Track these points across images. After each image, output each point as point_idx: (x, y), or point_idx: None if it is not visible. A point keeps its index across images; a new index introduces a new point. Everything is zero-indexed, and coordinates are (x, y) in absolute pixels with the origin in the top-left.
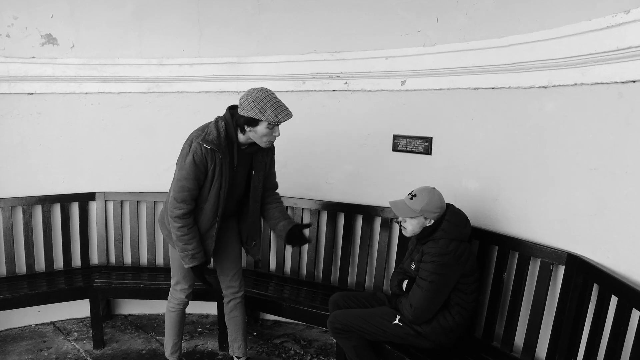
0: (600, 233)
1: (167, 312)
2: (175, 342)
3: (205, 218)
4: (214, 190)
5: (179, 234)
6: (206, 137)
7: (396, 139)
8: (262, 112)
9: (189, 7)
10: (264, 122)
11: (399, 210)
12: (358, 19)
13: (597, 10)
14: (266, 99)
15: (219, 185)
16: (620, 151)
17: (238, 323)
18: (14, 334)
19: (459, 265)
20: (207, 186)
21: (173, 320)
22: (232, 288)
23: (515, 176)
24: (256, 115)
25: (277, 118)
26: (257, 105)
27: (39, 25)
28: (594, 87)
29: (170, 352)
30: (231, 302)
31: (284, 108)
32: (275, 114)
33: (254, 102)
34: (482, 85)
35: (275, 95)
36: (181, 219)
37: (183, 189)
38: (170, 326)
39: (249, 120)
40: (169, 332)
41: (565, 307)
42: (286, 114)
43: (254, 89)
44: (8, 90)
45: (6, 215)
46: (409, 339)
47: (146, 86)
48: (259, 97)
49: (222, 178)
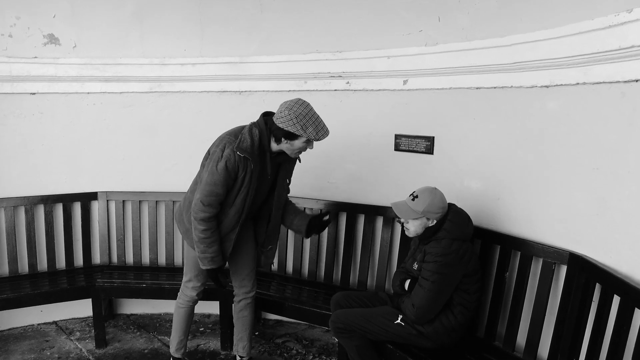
0: (603, 233)
1: (176, 309)
2: (181, 339)
3: (228, 222)
4: (240, 196)
5: (202, 237)
6: (240, 144)
7: (398, 139)
8: (304, 129)
9: (191, 6)
10: (304, 137)
11: (401, 212)
12: (359, 19)
13: (599, 9)
14: (308, 115)
15: (246, 192)
16: (623, 151)
17: (246, 323)
18: (16, 333)
19: (461, 265)
20: (234, 192)
21: (181, 316)
22: (244, 287)
23: (517, 176)
24: (297, 131)
25: (318, 136)
26: (299, 122)
27: (41, 26)
28: (596, 86)
29: (175, 349)
30: (242, 301)
31: (324, 125)
32: (316, 131)
33: (296, 118)
34: (483, 84)
35: (315, 111)
36: (206, 222)
37: (212, 193)
38: (177, 322)
39: (288, 134)
40: (176, 328)
41: (567, 307)
42: (326, 132)
43: (295, 103)
44: (11, 90)
45: (8, 215)
46: (411, 339)
47: (148, 86)
48: (302, 113)
49: (250, 185)
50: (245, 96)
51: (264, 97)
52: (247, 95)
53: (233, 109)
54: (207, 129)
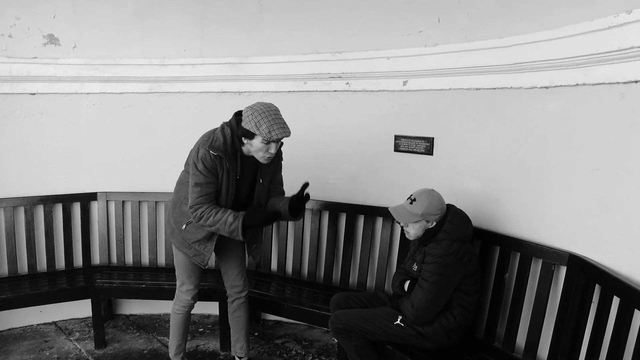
0: (602, 233)
1: (173, 314)
2: (179, 343)
3: None
4: (221, 196)
5: (218, 228)
6: (213, 143)
7: (398, 139)
8: (258, 126)
9: (191, 7)
10: (259, 136)
11: (400, 216)
12: (359, 19)
13: (599, 10)
14: (265, 113)
15: (226, 191)
16: (622, 152)
17: (241, 323)
18: (15, 333)
19: (461, 266)
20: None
21: (178, 322)
22: (236, 287)
23: (517, 177)
24: (252, 128)
25: (270, 135)
26: (254, 119)
27: (41, 26)
28: (596, 87)
29: (174, 353)
30: (235, 301)
31: (281, 125)
32: (269, 130)
33: (252, 115)
34: (483, 85)
35: (278, 111)
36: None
37: (201, 194)
38: (175, 328)
39: (245, 132)
40: (174, 333)
41: (567, 308)
42: (281, 132)
43: (258, 103)
44: (10, 91)
45: (8, 215)
46: (411, 340)
47: (148, 86)
48: (258, 110)
49: (229, 184)
50: (244, 97)
51: (263, 98)
52: (246, 95)
53: (233, 109)
54: (207, 130)
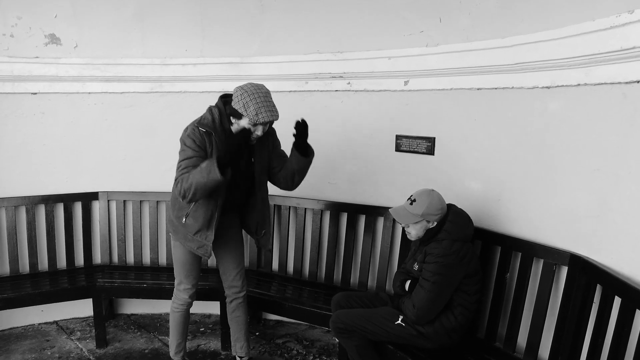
0: (604, 234)
1: (171, 313)
2: (179, 342)
3: (207, 207)
4: None
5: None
6: (201, 121)
7: (399, 139)
8: (246, 107)
9: (192, 7)
10: (246, 117)
11: (400, 217)
12: (361, 19)
13: (600, 10)
14: (253, 95)
15: None
16: (624, 152)
17: (240, 323)
18: (17, 332)
19: (462, 265)
20: None
21: (177, 320)
22: (234, 288)
23: (518, 177)
24: (240, 109)
25: (257, 117)
26: (242, 99)
27: (42, 25)
28: (597, 87)
29: (174, 352)
30: (233, 301)
31: (269, 108)
32: (256, 112)
33: (241, 95)
34: (485, 85)
35: (268, 94)
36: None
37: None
38: (174, 326)
39: (233, 111)
40: (173, 332)
41: (568, 308)
42: (268, 115)
43: (249, 83)
44: (12, 90)
45: (9, 214)
46: (412, 339)
47: (149, 86)
48: (248, 91)
49: None
50: None
51: None
52: None
53: None
54: None
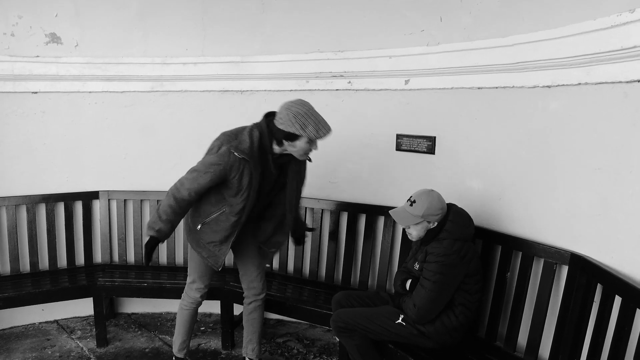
0: (604, 233)
1: (180, 310)
2: (184, 339)
3: (228, 223)
4: (241, 198)
5: (164, 209)
6: (239, 145)
7: (400, 138)
8: (304, 128)
9: (193, 6)
10: (304, 137)
11: (401, 219)
12: (362, 19)
13: (601, 9)
14: (307, 114)
15: (247, 194)
16: (625, 151)
17: (256, 325)
18: (18, 331)
19: (463, 265)
20: (233, 193)
21: (185, 318)
22: (254, 289)
23: (519, 176)
24: (297, 131)
25: (319, 134)
26: (298, 121)
27: (43, 25)
28: (598, 86)
29: (178, 349)
30: (252, 303)
31: (325, 123)
32: (316, 129)
33: (295, 118)
34: (486, 84)
35: (314, 108)
36: (178, 201)
37: (196, 180)
38: (181, 324)
39: (288, 135)
40: (179, 329)
41: (568, 307)
42: (327, 129)
43: (293, 103)
44: (13, 89)
45: (10, 213)
46: (412, 339)
47: (150, 85)
48: (300, 112)
49: (250, 189)
50: (247, 96)
51: (265, 97)
52: (248, 94)
53: (235, 108)
54: (209, 128)
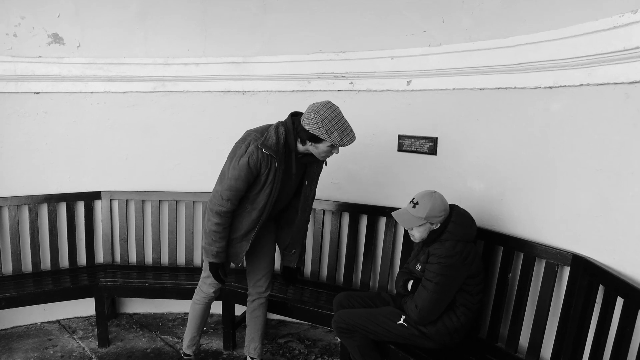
0: (606, 234)
1: (192, 305)
2: (194, 335)
3: (249, 220)
4: (264, 194)
5: (213, 230)
6: (265, 142)
7: (401, 139)
8: (329, 133)
9: (194, 7)
10: (328, 142)
11: (404, 221)
12: (363, 19)
13: (603, 10)
14: (334, 120)
15: (270, 190)
16: (627, 152)
17: (258, 324)
18: (19, 331)
19: (465, 266)
20: (257, 189)
21: (197, 312)
22: (259, 288)
23: (521, 177)
24: (322, 135)
25: (343, 142)
26: (325, 126)
27: (45, 25)
28: (600, 87)
29: (187, 345)
30: (255, 301)
31: (350, 131)
32: (341, 137)
33: (322, 122)
34: (487, 85)
35: (342, 115)
36: (221, 216)
37: (232, 188)
38: (193, 319)
39: (313, 136)
40: (191, 325)
41: (570, 308)
42: (351, 138)
43: (322, 106)
44: (15, 90)
45: (12, 213)
46: (414, 339)
47: (152, 85)
48: (328, 117)
49: (273, 185)
50: (248, 96)
51: (267, 97)
52: (250, 95)
53: (236, 108)
54: (211, 129)
